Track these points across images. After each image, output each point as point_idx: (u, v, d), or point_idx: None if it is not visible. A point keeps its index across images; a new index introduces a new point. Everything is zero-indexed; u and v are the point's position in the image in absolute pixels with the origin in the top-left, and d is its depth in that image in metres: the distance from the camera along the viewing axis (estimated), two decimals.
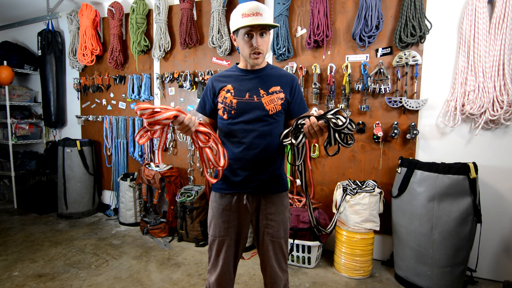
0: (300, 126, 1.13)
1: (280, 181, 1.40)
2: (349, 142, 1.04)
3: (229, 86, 1.36)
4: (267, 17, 1.26)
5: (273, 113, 1.32)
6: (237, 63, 1.44)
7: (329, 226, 2.35)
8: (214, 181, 1.29)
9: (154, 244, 2.89)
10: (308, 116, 1.09)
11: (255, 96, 1.32)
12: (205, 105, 1.43)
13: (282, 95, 1.35)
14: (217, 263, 1.39)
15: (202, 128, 1.17)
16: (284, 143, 1.22)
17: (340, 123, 0.99)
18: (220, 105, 1.36)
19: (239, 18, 1.25)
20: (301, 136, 1.14)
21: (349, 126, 0.98)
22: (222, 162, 1.23)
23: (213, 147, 1.22)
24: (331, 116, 1.02)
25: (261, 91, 1.33)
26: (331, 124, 1.01)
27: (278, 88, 1.35)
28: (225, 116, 1.35)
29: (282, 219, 1.39)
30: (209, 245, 1.42)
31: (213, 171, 1.35)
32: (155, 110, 1.03)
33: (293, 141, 1.16)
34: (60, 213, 3.59)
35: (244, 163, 1.33)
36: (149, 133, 1.08)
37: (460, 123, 2.25)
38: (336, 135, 1.02)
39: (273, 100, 1.33)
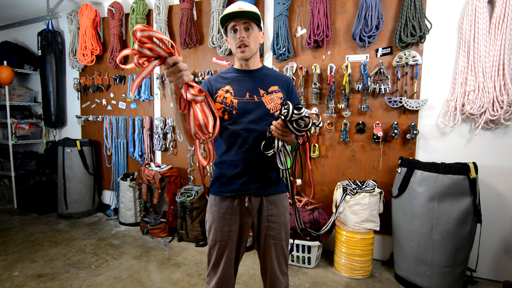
0: (271, 134, 1.20)
1: (281, 182, 1.39)
2: (310, 124, 1.10)
3: (228, 87, 1.35)
4: (250, 12, 1.27)
5: (274, 112, 1.32)
6: (233, 65, 1.44)
7: (324, 227, 2.33)
8: (205, 163, 1.17)
9: (154, 244, 2.89)
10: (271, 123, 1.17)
11: (255, 96, 1.32)
12: None
13: (280, 94, 1.36)
14: (217, 268, 1.36)
15: (194, 84, 1.02)
16: (269, 154, 1.24)
17: (286, 113, 1.07)
18: (220, 105, 1.33)
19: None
20: (276, 141, 1.19)
21: (295, 111, 1.04)
22: (210, 128, 1.07)
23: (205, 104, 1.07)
24: (284, 111, 1.09)
25: (261, 91, 1.34)
26: (282, 117, 1.09)
27: (276, 87, 1.37)
28: (225, 117, 1.32)
29: (284, 220, 1.38)
30: (208, 250, 1.39)
31: (207, 155, 1.28)
32: (155, 39, 0.89)
33: (273, 149, 1.21)
34: (60, 213, 3.59)
35: (247, 164, 1.31)
36: (135, 57, 0.91)
37: (460, 123, 2.25)
38: (294, 124, 1.07)
39: (273, 99, 1.33)
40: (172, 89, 1.03)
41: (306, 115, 1.07)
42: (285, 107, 1.08)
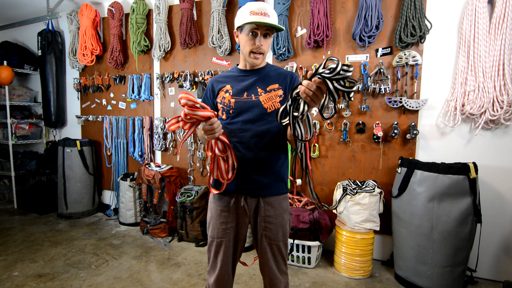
0: (296, 95, 1.03)
1: (280, 183, 1.38)
2: (350, 85, 0.93)
3: (228, 86, 1.36)
4: (274, 20, 1.28)
5: (271, 111, 1.30)
6: (237, 64, 1.44)
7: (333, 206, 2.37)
8: (215, 192, 1.32)
9: (154, 244, 2.89)
10: (300, 83, 1.02)
11: (253, 95, 1.32)
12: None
13: (280, 92, 1.33)
14: (215, 265, 1.39)
15: (223, 138, 1.20)
16: (284, 123, 1.11)
17: (334, 66, 0.90)
18: (219, 105, 1.36)
19: (246, 15, 1.25)
20: (302, 104, 1.02)
21: (344, 67, 0.90)
22: (229, 175, 1.27)
23: (228, 158, 1.26)
24: (323, 69, 0.94)
25: (259, 90, 1.32)
26: (323, 74, 0.92)
27: (276, 85, 1.34)
28: (224, 116, 1.34)
29: (281, 222, 1.37)
30: (208, 246, 1.42)
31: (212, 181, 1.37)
32: (197, 105, 1.06)
33: (295, 113, 1.04)
34: (60, 213, 3.59)
35: (242, 163, 1.30)
36: (180, 123, 1.11)
37: (460, 123, 2.25)
38: (334, 83, 0.92)
39: (271, 98, 1.31)
40: (205, 137, 1.18)
41: (350, 74, 0.90)
42: (328, 64, 0.93)
